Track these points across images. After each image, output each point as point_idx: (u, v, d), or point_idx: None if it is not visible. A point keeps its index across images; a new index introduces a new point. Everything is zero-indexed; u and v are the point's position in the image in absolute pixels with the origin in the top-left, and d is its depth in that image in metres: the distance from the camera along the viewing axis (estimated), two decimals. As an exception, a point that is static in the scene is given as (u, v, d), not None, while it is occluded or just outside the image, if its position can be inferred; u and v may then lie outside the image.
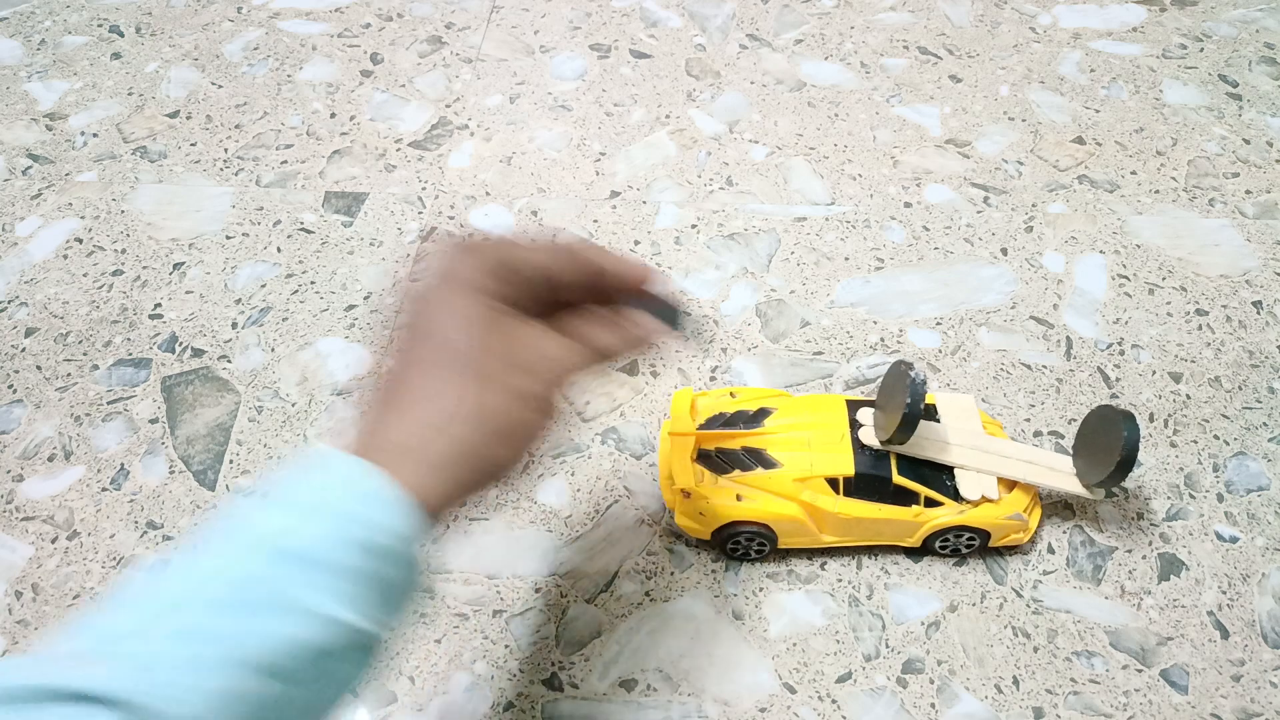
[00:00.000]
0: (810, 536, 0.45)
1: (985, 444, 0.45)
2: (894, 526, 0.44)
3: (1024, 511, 0.45)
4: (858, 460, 0.43)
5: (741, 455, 0.44)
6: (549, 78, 0.73)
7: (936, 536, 0.45)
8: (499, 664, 0.44)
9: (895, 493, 0.44)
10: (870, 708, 0.43)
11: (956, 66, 0.74)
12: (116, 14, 0.78)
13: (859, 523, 0.44)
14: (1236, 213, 0.63)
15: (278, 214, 0.63)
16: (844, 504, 0.44)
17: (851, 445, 0.44)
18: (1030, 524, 0.45)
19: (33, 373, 0.54)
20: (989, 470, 0.45)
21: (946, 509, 0.44)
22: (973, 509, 0.44)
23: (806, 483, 0.43)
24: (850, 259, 0.60)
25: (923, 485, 0.44)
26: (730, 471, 0.44)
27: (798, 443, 0.44)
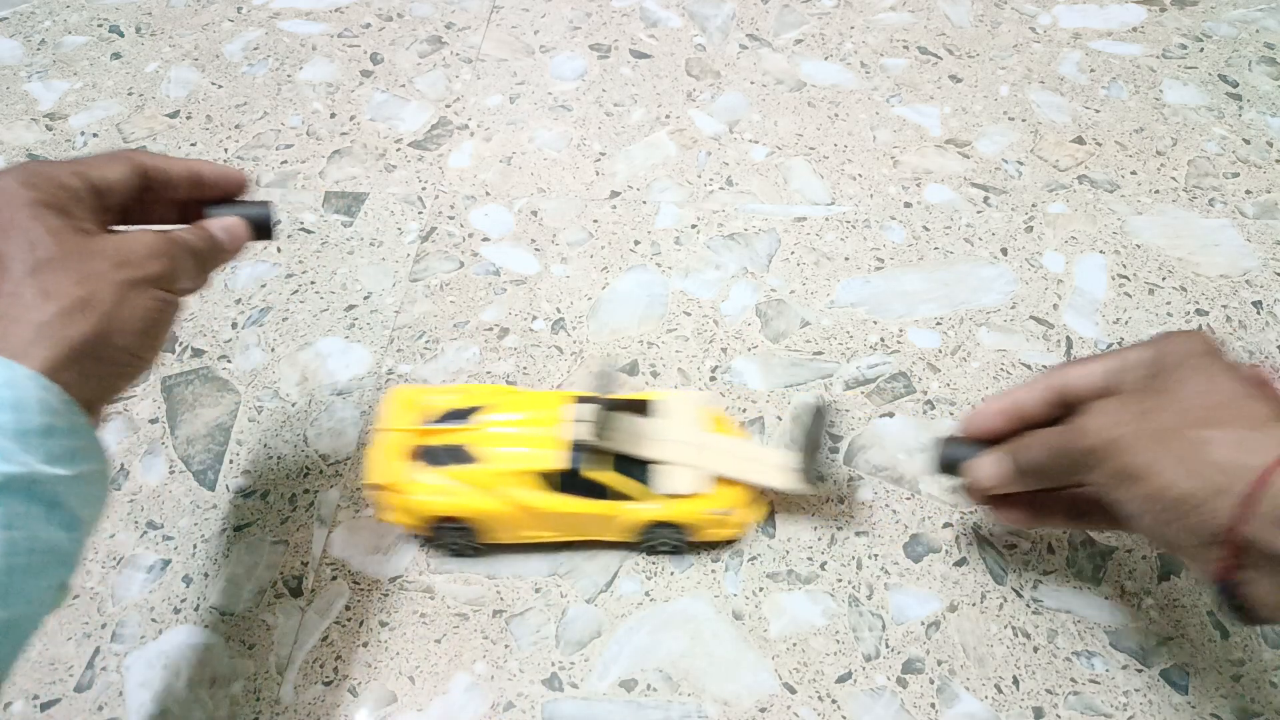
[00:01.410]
0: (516, 531, 0.45)
1: (698, 440, 0.45)
2: (596, 521, 0.45)
3: (733, 507, 0.45)
4: (562, 456, 0.43)
5: (448, 451, 0.44)
6: (549, 78, 0.73)
7: (647, 533, 0.45)
8: (499, 664, 0.44)
9: (597, 488, 0.44)
10: (870, 708, 0.43)
11: (956, 66, 0.74)
12: (116, 14, 0.78)
13: (562, 517, 0.44)
14: (1236, 213, 0.64)
15: (277, 214, 0.63)
16: (547, 499, 0.44)
17: (558, 440, 0.44)
18: (741, 519, 0.46)
19: (33, 373, 0.54)
20: (695, 465, 0.45)
21: (645, 504, 0.44)
22: (671, 504, 0.44)
23: (510, 477, 0.43)
24: (850, 259, 0.60)
25: (625, 481, 0.44)
26: (437, 467, 0.44)
27: (506, 438, 0.44)
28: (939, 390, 0.54)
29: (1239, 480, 0.30)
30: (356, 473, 0.50)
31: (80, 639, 0.44)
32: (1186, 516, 0.31)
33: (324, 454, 0.51)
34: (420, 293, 0.58)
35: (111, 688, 0.43)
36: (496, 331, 0.56)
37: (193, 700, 0.42)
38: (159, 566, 0.47)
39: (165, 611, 0.45)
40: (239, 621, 0.45)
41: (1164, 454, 0.32)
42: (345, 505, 0.49)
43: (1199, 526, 0.31)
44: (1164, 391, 0.34)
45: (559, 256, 0.60)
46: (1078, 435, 0.35)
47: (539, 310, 0.57)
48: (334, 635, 0.44)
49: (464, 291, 0.58)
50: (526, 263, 0.60)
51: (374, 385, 0.54)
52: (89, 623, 0.45)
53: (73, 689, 0.43)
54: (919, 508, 0.49)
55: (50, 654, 0.44)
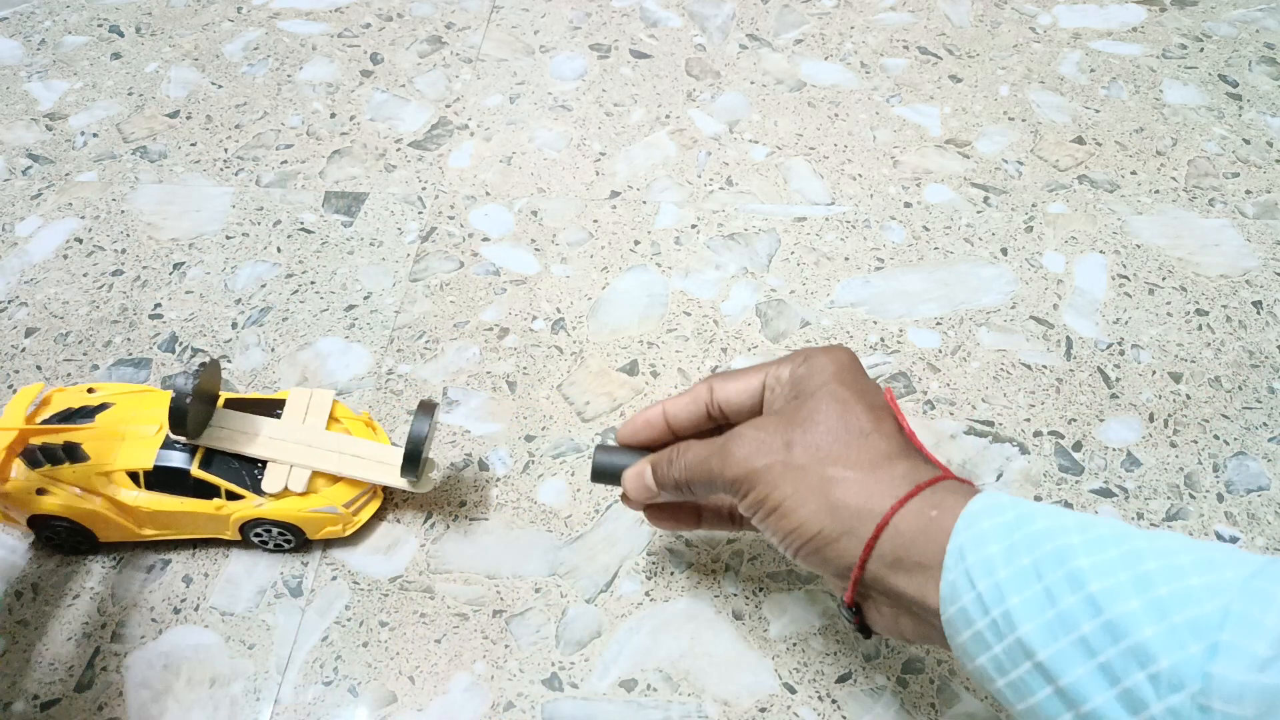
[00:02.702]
0: (125, 530, 0.45)
1: (308, 438, 0.46)
2: (200, 520, 0.45)
3: (343, 505, 0.45)
4: (160, 454, 0.44)
5: (59, 449, 0.44)
6: (549, 78, 0.73)
7: (251, 530, 0.45)
8: (499, 664, 0.44)
9: (197, 486, 0.44)
10: (870, 708, 0.43)
11: (956, 66, 0.74)
12: (116, 14, 0.78)
13: (165, 515, 0.44)
14: (1236, 213, 0.64)
15: (278, 214, 0.63)
16: (146, 498, 0.44)
17: (157, 439, 0.44)
18: (354, 517, 0.46)
19: (33, 373, 0.54)
20: (302, 463, 0.45)
21: (246, 501, 0.44)
22: (274, 502, 0.44)
23: (109, 476, 0.44)
24: (850, 259, 0.60)
25: (224, 479, 0.44)
26: (48, 464, 0.44)
27: (114, 436, 0.45)
28: (939, 390, 0.54)
29: (864, 523, 0.32)
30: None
31: (80, 639, 0.44)
32: (819, 551, 0.34)
33: (324, 454, 0.51)
34: (420, 293, 0.58)
35: (111, 688, 0.43)
36: (496, 331, 0.56)
37: (193, 700, 0.42)
38: (159, 566, 0.47)
39: (165, 611, 0.45)
40: (239, 621, 0.45)
41: (799, 491, 0.34)
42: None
43: (830, 560, 0.34)
44: (803, 422, 0.35)
45: (559, 256, 0.60)
46: (721, 461, 0.36)
47: (539, 310, 0.57)
48: (334, 635, 0.44)
49: (464, 291, 0.58)
50: (526, 263, 0.60)
51: (374, 385, 0.54)
52: (89, 623, 0.45)
53: (73, 689, 0.43)
54: (919, 508, 0.49)
55: (50, 654, 0.44)
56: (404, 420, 0.52)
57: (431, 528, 0.48)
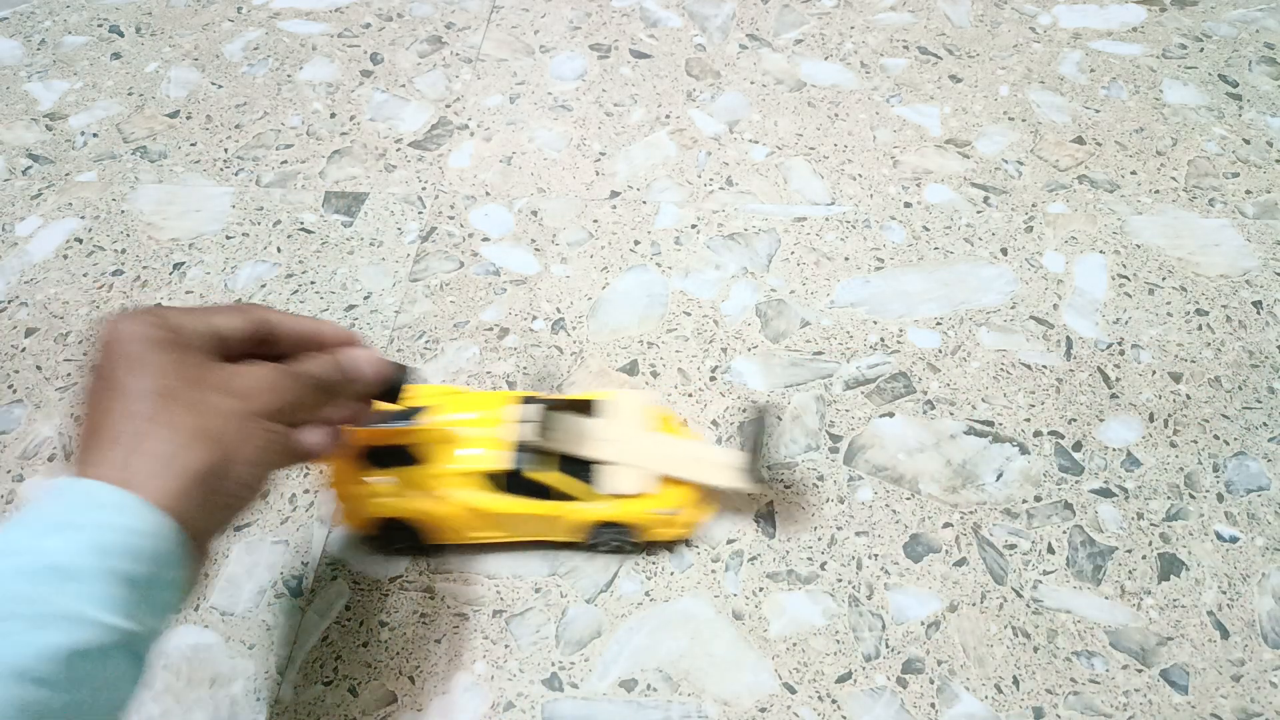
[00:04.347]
0: (461, 532, 0.45)
1: (644, 440, 0.45)
2: (542, 522, 0.45)
3: (679, 507, 0.45)
4: (506, 456, 0.43)
5: (394, 452, 0.44)
6: (549, 78, 0.73)
7: (594, 532, 0.45)
8: (499, 664, 0.44)
9: (542, 489, 0.44)
10: (870, 708, 0.43)
11: (956, 66, 0.74)
12: (116, 14, 0.78)
13: (508, 518, 0.44)
14: (1236, 213, 0.64)
15: (278, 214, 0.63)
16: (492, 500, 0.44)
17: (504, 441, 0.44)
18: (688, 519, 0.46)
19: (33, 373, 0.54)
20: (639, 465, 0.45)
21: (590, 504, 0.44)
22: (617, 504, 0.44)
23: (455, 478, 0.43)
24: (850, 259, 0.60)
25: (570, 482, 0.44)
26: (384, 468, 0.44)
27: (453, 439, 0.44)
28: (939, 390, 0.54)
29: None
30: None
31: (80, 639, 0.44)
32: None
33: (324, 454, 0.51)
34: (420, 293, 0.58)
35: (111, 688, 0.43)
36: (496, 331, 0.56)
37: (193, 700, 0.42)
38: None
39: (165, 611, 0.45)
40: (239, 621, 0.45)
41: None
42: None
43: None
44: None
45: (559, 256, 0.60)
46: None
47: (539, 310, 0.57)
48: (334, 635, 0.44)
49: (464, 291, 0.58)
50: (526, 263, 0.60)
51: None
52: (89, 623, 0.45)
53: (73, 689, 0.43)
54: (919, 508, 0.49)
55: (50, 654, 0.44)
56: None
57: (431, 528, 0.48)
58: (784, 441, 0.51)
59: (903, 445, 0.51)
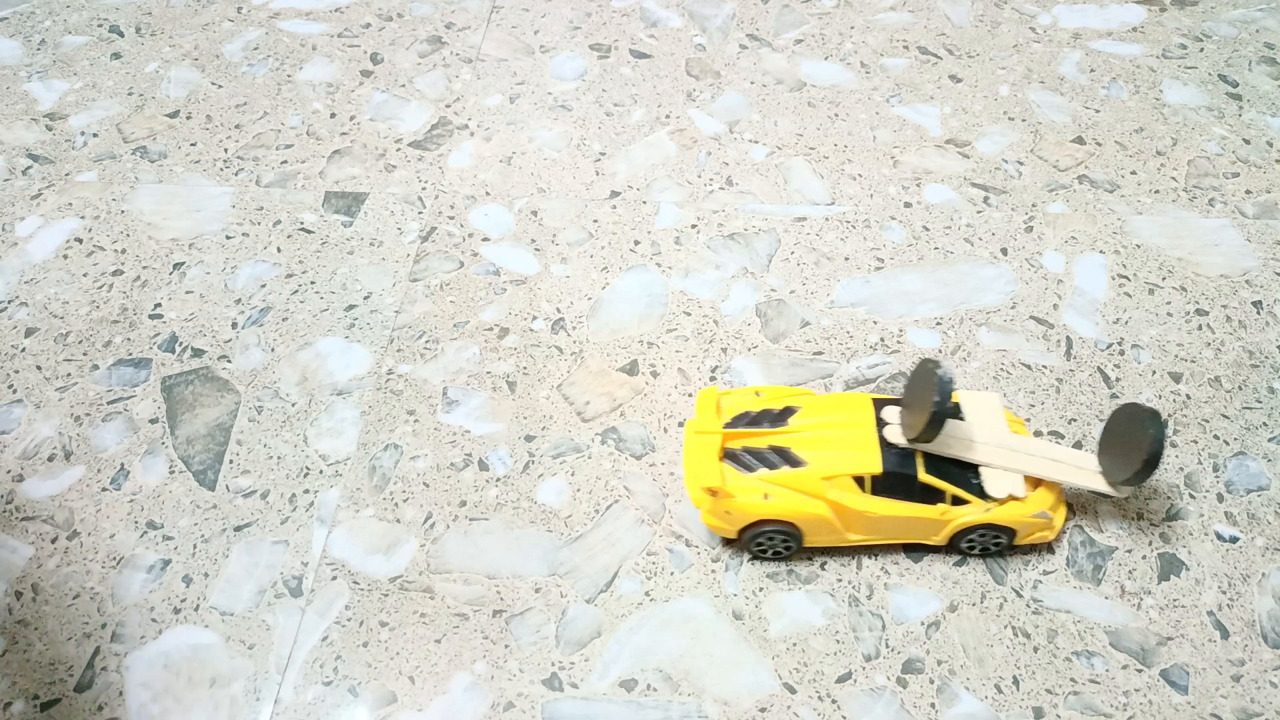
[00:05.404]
0: (836, 535, 0.45)
1: (1011, 442, 0.45)
2: (920, 525, 0.45)
3: (1049, 509, 0.45)
4: (884, 458, 0.43)
5: (768, 454, 0.44)
6: (549, 78, 0.73)
7: (963, 535, 0.45)
8: (499, 664, 0.44)
9: (922, 491, 0.44)
10: (870, 708, 0.43)
11: (956, 66, 0.74)
12: (116, 14, 0.78)
13: (885, 521, 0.44)
14: (1236, 213, 0.64)
15: (278, 214, 0.63)
16: (871, 502, 0.44)
17: (878, 443, 0.44)
18: (1056, 522, 0.46)
19: (33, 373, 0.54)
20: (1015, 468, 0.45)
21: (973, 507, 0.44)
22: (999, 507, 0.44)
23: (833, 481, 0.43)
24: (850, 259, 0.60)
25: (949, 483, 0.44)
26: (757, 470, 0.44)
27: (824, 441, 0.44)
28: (939, 390, 0.54)
29: None
30: (356, 473, 0.50)
31: (80, 639, 0.44)
32: None
33: (324, 454, 0.51)
34: (420, 293, 0.58)
35: (111, 688, 0.43)
36: (496, 331, 0.56)
37: (193, 700, 0.42)
38: (159, 566, 0.47)
39: (165, 611, 0.45)
40: (239, 621, 0.45)
41: None
42: (345, 505, 0.49)
43: None
44: None
45: (559, 256, 0.60)
46: None
47: (539, 310, 0.57)
48: (334, 635, 0.44)
49: (464, 291, 0.58)
50: (526, 263, 0.60)
51: (374, 385, 0.54)
52: (89, 623, 0.45)
53: (73, 689, 0.43)
54: (919, 508, 0.49)
55: (50, 654, 0.44)
56: (403, 420, 0.52)
57: (431, 528, 0.48)
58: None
59: (903, 445, 0.51)
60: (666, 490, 0.49)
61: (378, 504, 0.49)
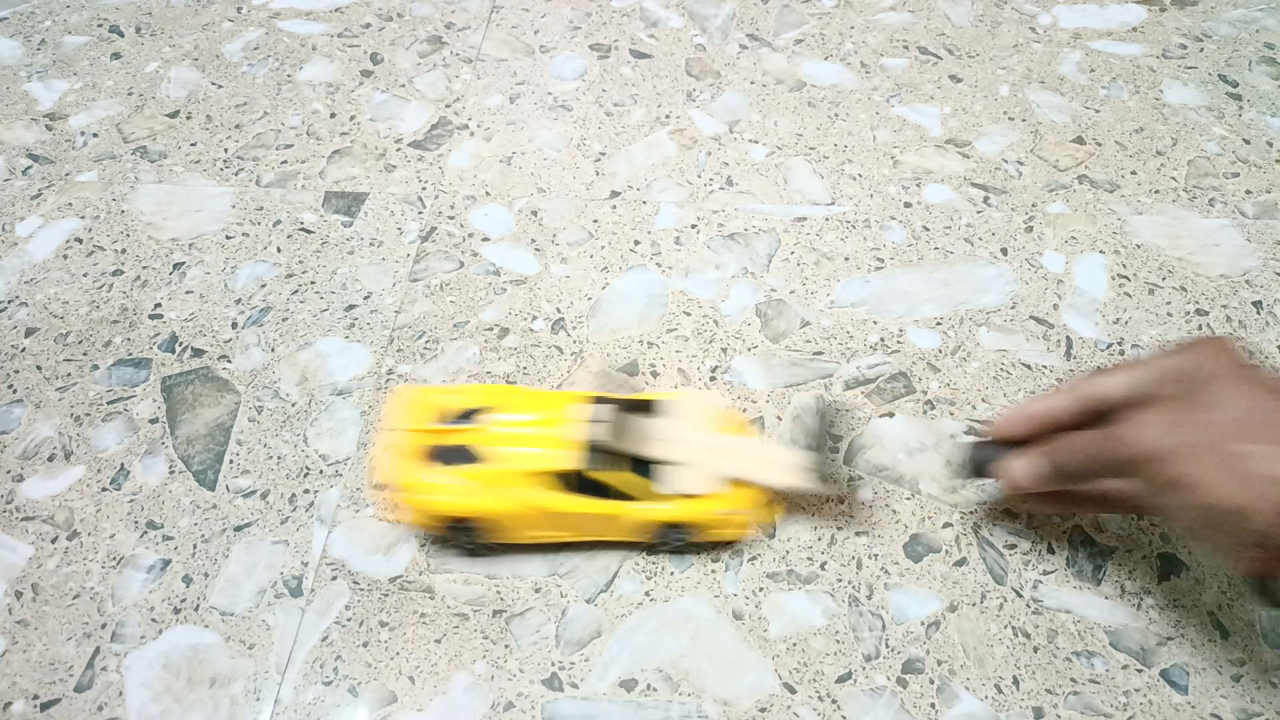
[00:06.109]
0: (526, 531, 0.45)
1: (709, 441, 0.45)
2: (607, 522, 0.45)
3: (743, 508, 0.45)
4: (572, 456, 0.43)
5: (457, 451, 0.44)
6: (549, 78, 0.73)
7: (659, 532, 0.45)
8: (499, 664, 0.44)
9: (607, 489, 0.44)
10: (870, 708, 0.43)
11: (956, 66, 0.74)
12: (116, 14, 0.78)
13: (572, 518, 0.44)
14: (1236, 213, 0.64)
15: (278, 214, 0.63)
16: (558, 500, 0.44)
17: (569, 441, 0.44)
18: (752, 520, 0.46)
19: (33, 373, 0.54)
20: (706, 466, 0.45)
21: (654, 505, 0.44)
22: (681, 504, 0.44)
23: (522, 477, 0.43)
24: (850, 259, 0.60)
25: (637, 481, 0.44)
26: (447, 466, 0.44)
27: (516, 438, 0.44)
28: (939, 390, 0.54)
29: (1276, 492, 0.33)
30: (357, 473, 0.50)
31: (80, 639, 0.44)
32: (1230, 523, 0.35)
33: (324, 454, 0.51)
34: (420, 293, 0.58)
35: (111, 688, 0.43)
36: (496, 331, 0.56)
37: (193, 700, 0.42)
38: (159, 566, 0.47)
39: (165, 611, 0.45)
40: (239, 621, 0.45)
41: (1204, 467, 0.35)
42: (345, 505, 0.49)
43: (1242, 532, 0.35)
44: (1205, 405, 0.36)
45: (559, 256, 0.60)
46: (1119, 444, 0.38)
47: (539, 310, 0.57)
48: (334, 635, 0.44)
49: (464, 291, 0.58)
50: (526, 263, 0.60)
51: (374, 385, 0.54)
52: (89, 623, 0.45)
53: (73, 689, 0.43)
54: (919, 508, 0.49)
55: (50, 654, 0.44)
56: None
57: (431, 528, 0.48)
58: (784, 442, 0.51)
59: (903, 445, 0.51)
60: (666, 490, 0.49)
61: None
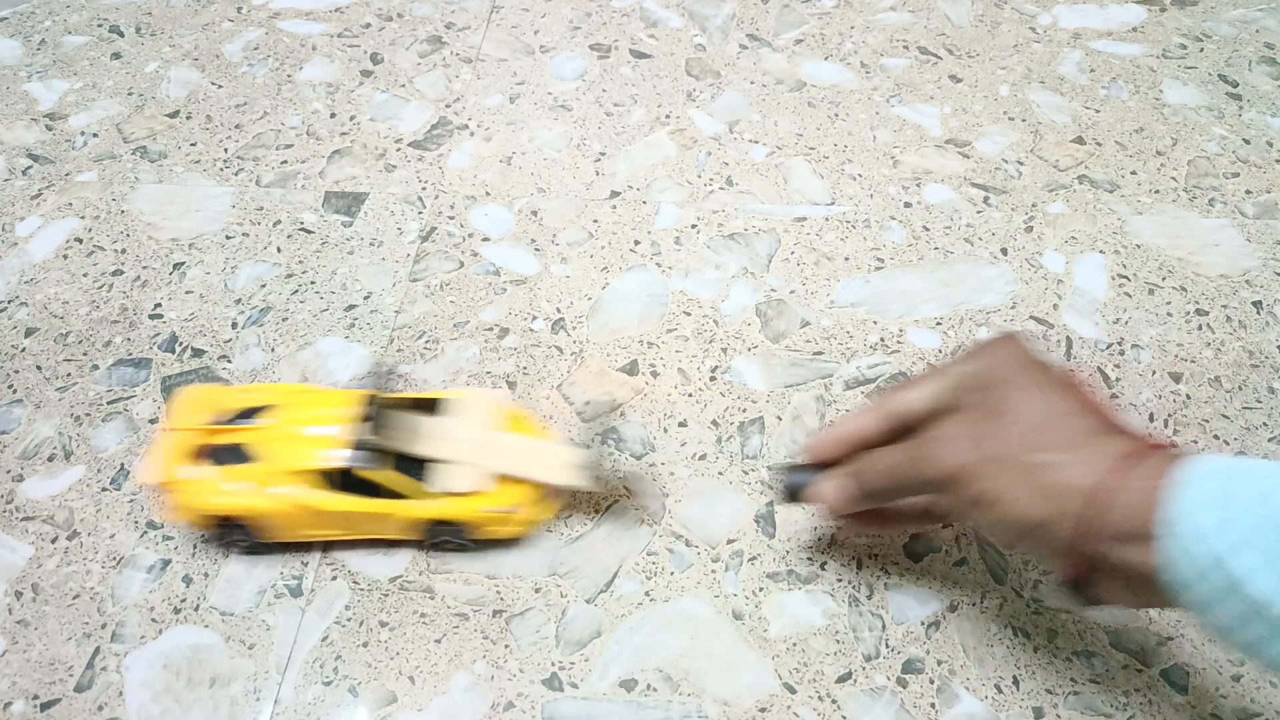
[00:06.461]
0: (297, 530, 0.45)
1: (480, 438, 0.46)
2: (376, 520, 0.45)
3: (516, 505, 0.45)
4: (340, 455, 0.43)
5: (230, 450, 0.44)
6: (549, 78, 0.73)
7: (430, 530, 0.45)
8: (499, 664, 0.44)
9: (376, 487, 0.44)
10: (870, 708, 0.43)
11: (956, 66, 0.74)
12: (116, 14, 0.78)
13: (340, 516, 0.44)
14: (1236, 213, 0.64)
15: (278, 214, 0.63)
16: (323, 498, 0.44)
17: (340, 440, 0.44)
18: (526, 518, 0.46)
19: (33, 373, 0.54)
20: (474, 463, 0.45)
21: (422, 502, 0.44)
22: (449, 502, 0.44)
23: (288, 476, 0.43)
24: (850, 259, 0.60)
25: (401, 479, 0.44)
26: (220, 465, 0.44)
27: (289, 437, 0.44)
28: (939, 390, 0.54)
29: (1077, 502, 0.33)
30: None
31: (80, 639, 0.44)
32: (1036, 535, 0.34)
33: (324, 454, 0.51)
34: (420, 293, 0.58)
35: (111, 688, 0.43)
36: (496, 331, 0.56)
37: (193, 700, 0.42)
38: (159, 566, 0.47)
39: (165, 611, 0.45)
40: (239, 621, 0.45)
41: (1007, 481, 0.35)
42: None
43: (1046, 542, 0.34)
44: (998, 414, 0.36)
45: (559, 256, 0.60)
46: (921, 463, 0.37)
47: (539, 310, 0.57)
48: (334, 635, 0.44)
49: (464, 291, 0.58)
50: (526, 263, 0.60)
51: (373, 385, 0.54)
52: (89, 623, 0.45)
53: (73, 689, 0.43)
54: (919, 508, 0.49)
55: (50, 654, 0.44)
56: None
57: (431, 528, 0.48)
58: (784, 442, 0.51)
59: (903, 445, 0.51)
60: (666, 490, 0.49)
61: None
